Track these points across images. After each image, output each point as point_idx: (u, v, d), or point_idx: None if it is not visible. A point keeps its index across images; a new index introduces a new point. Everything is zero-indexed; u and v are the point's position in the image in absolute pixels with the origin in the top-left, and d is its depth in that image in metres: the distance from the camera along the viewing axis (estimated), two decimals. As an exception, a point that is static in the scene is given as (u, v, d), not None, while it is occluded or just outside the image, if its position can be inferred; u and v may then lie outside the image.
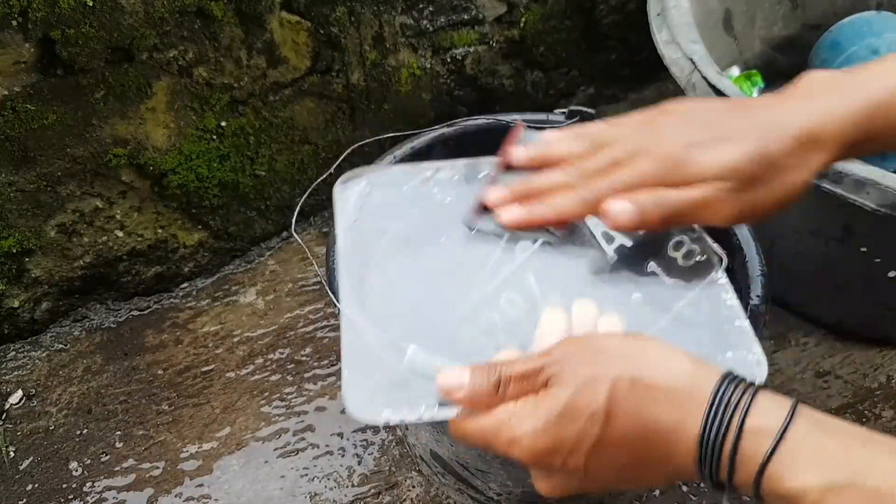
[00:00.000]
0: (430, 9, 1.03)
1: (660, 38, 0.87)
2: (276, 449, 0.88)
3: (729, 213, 0.46)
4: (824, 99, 0.47)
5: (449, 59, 1.09)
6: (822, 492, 0.35)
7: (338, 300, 0.61)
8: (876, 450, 0.35)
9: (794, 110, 0.47)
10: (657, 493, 0.84)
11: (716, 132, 0.47)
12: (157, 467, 0.86)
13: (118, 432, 0.89)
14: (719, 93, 0.78)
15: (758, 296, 0.61)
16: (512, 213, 0.51)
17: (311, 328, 0.99)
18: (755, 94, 1.11)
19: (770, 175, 0.46)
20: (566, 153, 0.51)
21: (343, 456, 0.87)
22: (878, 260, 0.84)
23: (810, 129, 0.46)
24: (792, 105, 0.48)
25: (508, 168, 0.54)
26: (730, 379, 0.38)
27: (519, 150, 0.54)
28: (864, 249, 0.83)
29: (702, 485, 0.85)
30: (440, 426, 0.65)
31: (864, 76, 0.48)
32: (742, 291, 0.62)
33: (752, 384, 0.38)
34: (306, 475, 0.85)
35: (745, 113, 0.48)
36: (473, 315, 0.53)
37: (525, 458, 0.41)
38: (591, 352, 0.41)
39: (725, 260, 0.54)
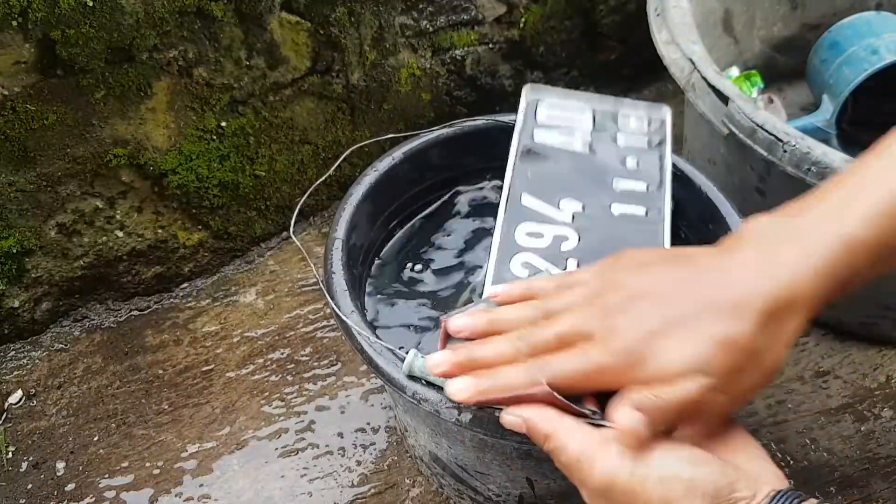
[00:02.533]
0: (430, 9, 1.03)
1: (659, 38, 0.87)
2: (276, 449, 0.88)
3: (725, 405, 0.41)
4: (783, 252, 0.41)
5: (449, 60, 1.09)
6: None
7: (335, 304, 0.61)
8: None
9: (753, 274, 0.41)
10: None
11: (673, 312, 0.41)
12: (158, 467, 0.86)
13: (118, 432, 0.90)
14: (718, 93, 0.78)
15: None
16: (461, 389, 0.45)
17: (311, 328, 1.00)
18: (755, 94, 1.11)
19: (744, 363, 0.40)
20: (513, 320, 0.47)
21: (343, 456, 0.87)
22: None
23: (776, 298, 0.40)
24: (747, 267, 0.42)
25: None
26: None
27: (459, 321, 0.48)
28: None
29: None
30: (439, 428, 0.65)
31: (815, 216, 0.42)
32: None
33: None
34: (306, 475, 0.86)
35: (700, 279, 0.43)
36: None
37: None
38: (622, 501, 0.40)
39: None
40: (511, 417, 0.44)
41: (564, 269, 0.58)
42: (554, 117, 0.68)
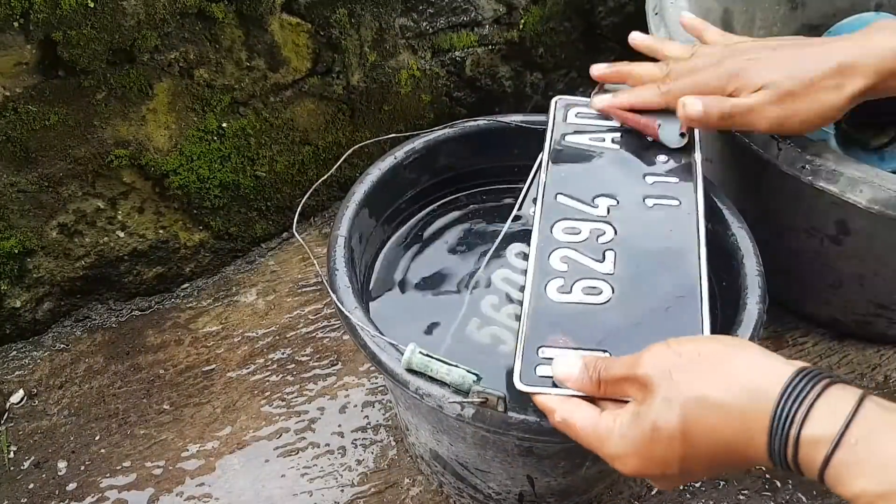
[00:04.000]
0: (430, 11, 1.03)
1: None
2: (276, 448, 0.88)
3: (771, 119, 0.59)
4: (873, 35, 0.59)
5: (448, 61, 1.10)
6: (874, 497, 0.36)
7: (339, 300, 0.61)
8: None
9: (843, 44, 0.59)
10: (654, 491, 0.84)
11: (766, 54, 0.61)
12: (159, 466, 0.87)
13: (119, 432, 0.90)
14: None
15: (756, 295, 0.61)
16: (602, 99, 0.69)
17: (311, 328, 1.00)
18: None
19: (806, 91, 0.58)
20: (668, 52, 0.70)
21: (343, 455, 0.87)
22: (871, 259, 0.84)
23: (847, 58, 0.57)
24: (844, 41, 0.60)
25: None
26: (792, 387, 0.40)
27: (603, 65, 0.72)
28: (857, 248, 0.84)
29: (699, 484, 0.85)
30: (441, 425, 0.65)
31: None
32: (739, 291, 0.62)
33: (819, 381, 0.39)
34: (307, 474, 0.86)
35: (804, 44, 0.62)
36: None
37: (630, 474, 0.46)
38: (669, 368, 0.43)
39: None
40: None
41: (602, 261, 0.60)
42: (583, 122, 0.71)
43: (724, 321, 0.63)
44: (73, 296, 0.99)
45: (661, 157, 0.67)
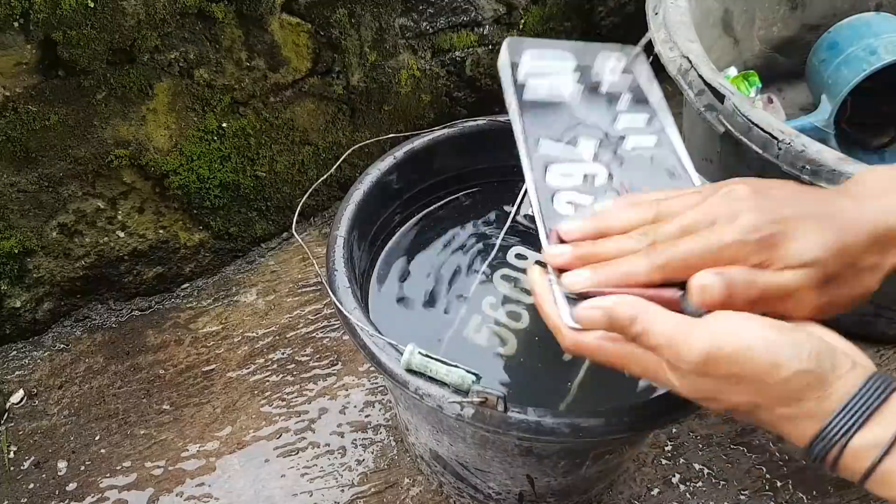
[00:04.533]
0: (430, 11, 1.03)
1: (657, 36, 0.87)
2: (276, 448, 0.88)
3: (812, 307, 0.43)
4: (893, 196, 0.44)
5: (448, 61, 1.10)
6: None
7: (338, 300, 0.61)
8: None
9: (867, 206, 0.44)
10: (655, 492, 0.84)
11: (796, 210, 0.43)
12: (159, 466, 0.87)
13: (119, 432, 0.90)
14: (715, 91, 0.79)
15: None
16: (579, 279, 0.46)
17: (311, 328, 1.00)
18: (752, 94, 1.11)
19: (849, 273, 0.43)
20: (626, 222, 0.48)
21: (343, 455, 0.87)
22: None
23: (886, 226, 0.43)
24: (863, 201, 0.44)
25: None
26: (860, 396, 0.39)
27: (571, 224, 0.50)
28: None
29: (700, 484, 0.85)
30: (441, 425, 0.65)
31: None
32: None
33: (885, 391, 0.38)
34: (307, 474, 0.86)
35: (820, 197, 0.45)
36: None
37: (688, 394, 0.43)
38: (723, 374, 0.40)
39: None
40: (588, 311, 0.44)
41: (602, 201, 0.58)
42: (538, 72, 0.67)
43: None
44: (73, 296, 0.99)
45: (624, 99, 0.65)
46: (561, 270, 0.48)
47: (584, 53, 0.67)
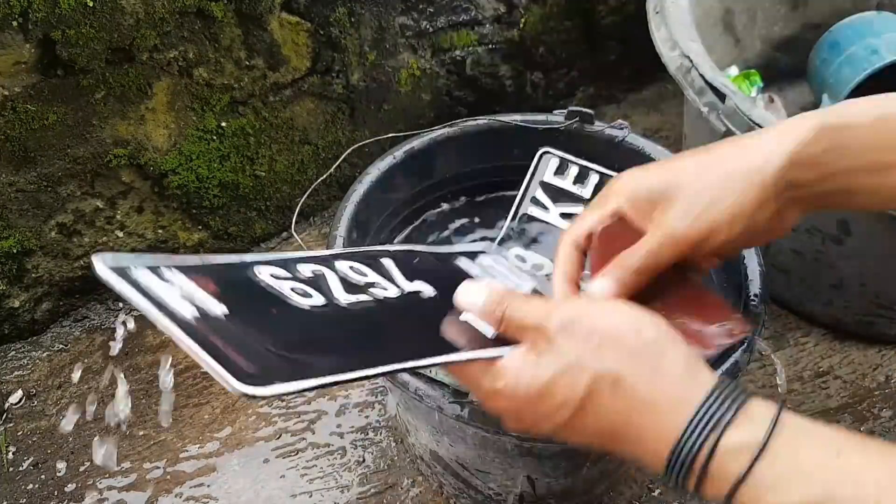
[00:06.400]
0: (430, 10, 1.03)
1: (658, 36, 0.87)
2: (275, 448, 0.88)
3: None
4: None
5: (448, 60, 1.09)
6: None
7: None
8: (850, 459, 0.35)
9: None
10: (656, 493, 0.84)
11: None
12: (158, 467, 0.86)
13: (118, 432, 0.89)
14: (715, 90, 0.79)
15: (756, 294, 0.61)
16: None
17: (311, 328, 0.99)
18: (754, 93, 1.11)
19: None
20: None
21: (343, 456, 0.87)
22: (871, 259, 0.84)
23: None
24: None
25: None
26: (717, 394, 0.38)
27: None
28: (858, 248, 0.83)
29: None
30: (441, 426, 0.65)
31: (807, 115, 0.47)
32: (740, 290, 0.62)
33: (741, 394, 0.38)
34: (306, 475, 0.85)
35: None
36: None
37: (493, 413, 0.43)
38: (587, 330, 0.40)
39: None
40: (474, 287, 0.45)
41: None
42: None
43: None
44: (72, 296, 0.99)
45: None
46: None
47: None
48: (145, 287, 0.36)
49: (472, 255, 0.60)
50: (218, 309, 0.37)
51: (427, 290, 0.48)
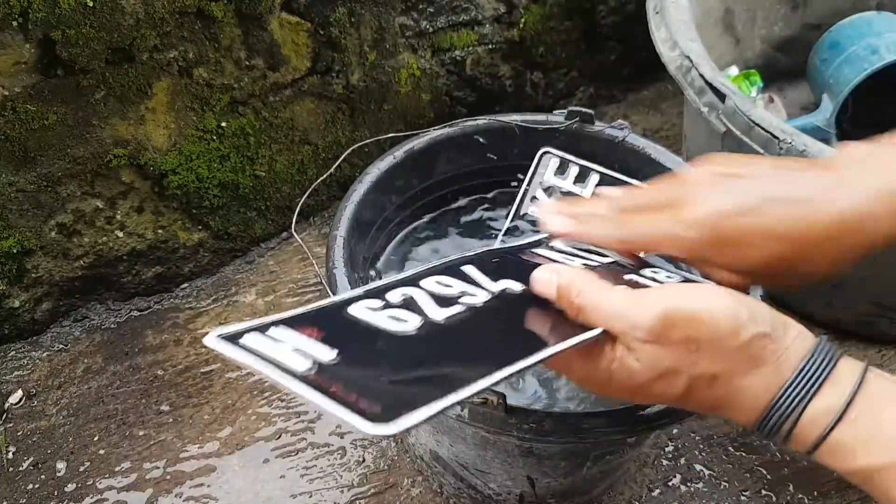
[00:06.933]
0: (430, 10, 1.03)
1: (658, 35, 0.87)
2: (275, 449, 0.88)
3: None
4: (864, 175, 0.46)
5: (448, 60, 1.09)
6: (871, 471, 0.36)
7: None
8: None
9: (835, 186, 0.45)
10: (656, 493, 0.84)
11: (762, 191, 0.44)
12: (158, 467, 0.86)
13: (118, 432, 0.90)
14: (716, 91, 0.79)
15: (757, 295, 0.61)
16: (557, 224, 0.50)
17: (311, 328, 0.99)
18: (754, 93, 1.11)
19: (801, 264, 0.45)
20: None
21: (343, 456, 0.87)
22: (872, 259, 0.84)
23: (850, 212, 0.44)
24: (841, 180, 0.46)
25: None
26: (810, 361, 0.39)
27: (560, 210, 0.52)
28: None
29: (700, 485, 0.85)
30: (441, 425, 0.65)
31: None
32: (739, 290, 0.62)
33: (831, 360, 0.39)
34: (306, 475, 0.85)
35: (794, 176, 0.46)
36: None
37: (590, 391, 0.45)
38: (684, 336, 0.39)
39: None
40: (544, 274, 0.44)
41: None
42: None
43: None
44: (72, 296, 0.99)
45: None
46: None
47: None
48: (258, 351, 0.36)
49: (537, 244, 0.59)
50: (329, 354, 0.37)
51: (514, 286, 0.49)
